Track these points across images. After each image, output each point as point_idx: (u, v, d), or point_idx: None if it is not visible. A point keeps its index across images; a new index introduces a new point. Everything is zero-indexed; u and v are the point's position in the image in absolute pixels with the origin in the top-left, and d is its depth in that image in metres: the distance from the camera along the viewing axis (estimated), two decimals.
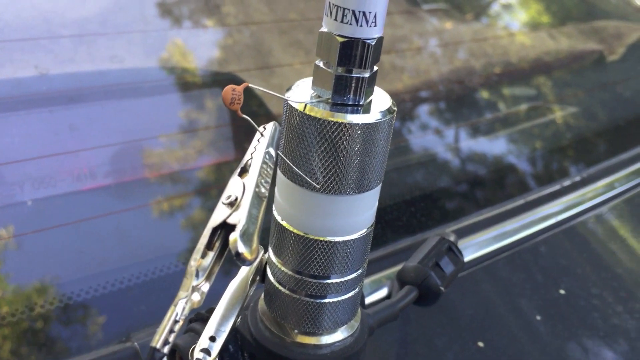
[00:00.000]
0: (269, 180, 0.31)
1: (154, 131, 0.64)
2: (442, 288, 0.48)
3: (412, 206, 0.71)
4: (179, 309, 0.27)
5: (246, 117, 0.31)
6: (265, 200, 0.30)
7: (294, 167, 0.33)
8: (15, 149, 0.57)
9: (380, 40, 0.32)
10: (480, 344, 0.56)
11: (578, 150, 0.95)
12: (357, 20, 0.31)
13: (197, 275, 0.29)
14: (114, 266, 0.53)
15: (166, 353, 0.26)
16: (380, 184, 0.36)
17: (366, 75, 0.33)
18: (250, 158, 0.31)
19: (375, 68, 0.33)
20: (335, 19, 0.31)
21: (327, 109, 0.33)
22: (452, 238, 0.52)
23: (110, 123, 0.62)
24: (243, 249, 0.27)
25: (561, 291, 0.64)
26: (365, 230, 0.37)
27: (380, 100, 0.35)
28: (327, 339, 0.39)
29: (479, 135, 0.91)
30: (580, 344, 0.59)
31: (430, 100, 0.94)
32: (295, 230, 0.35)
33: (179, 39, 0.76)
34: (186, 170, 0.63)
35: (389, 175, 0.71)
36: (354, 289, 0.38)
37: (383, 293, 0.57)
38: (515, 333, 0.59)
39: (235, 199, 0.29)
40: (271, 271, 0.38)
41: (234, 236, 0.27)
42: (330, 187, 0.34)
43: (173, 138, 0.65)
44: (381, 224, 0.66)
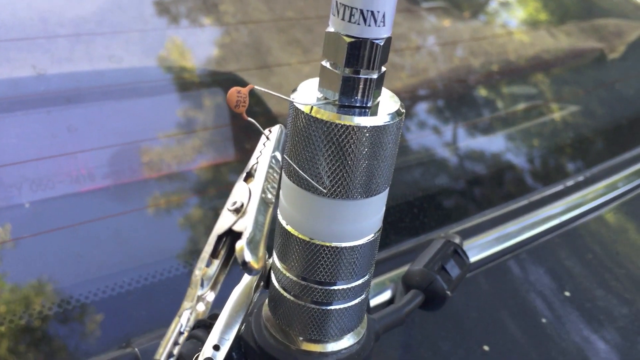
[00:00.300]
0: (276, 185, 0.30)
1: (153, 132, 0.63)
2: (449, 292, 0.47)
3: (415, 207, 0.70)
4: (184, 320, 0.26)
5: (252, 120, 0.30)
6: (272, 206, 0.29)
7: (299, 171, 0.33)
8: (13, 151, 0.56)
9: (388, 41, 0.31)
10: (486, 347, 0.55)
11: (580, 150, 0.95)
12: (365, 20, 0.30)
13: (202, 285, 0.28)
14: (113, 270, 0.52)
15: None
16: (388, 189, 0.35)
17: (374, 76, 0.32)
18: (256, 162, 0.30)
19: (384, 69, 0.33)
20: (343, 19, 0.30)
21: (334, 111, 0.32)
22: (458, 240, 0.51)
23: (109, 124, 0.61)
24: (250, 257, 0.26)
25: (566, 293, 0.64)
26: (372, 235, 0.36)
27: (389, 102, 0.34)
28: (333, 347, 0.38)
29: (479, 134, 0.90)
30: (586, 346, 0.58)
31: (429, 99, 0.93)
32: (300, 236, 0.35)
33: (177, 38, 0.75)
34: (186, 171, 0.62)
35: None
36: (360, 295, 0.37)
37: (386, 296, 0.56)
38: (521, 336, 0.58)
39: (241, 205, 0.28)
40: (276, 277, 0.37)
41: (241, 244, 0.26)
42: (337, 192, 0.33)
43: (172, 138, 0.64)
44: (384, 226, 0.65)
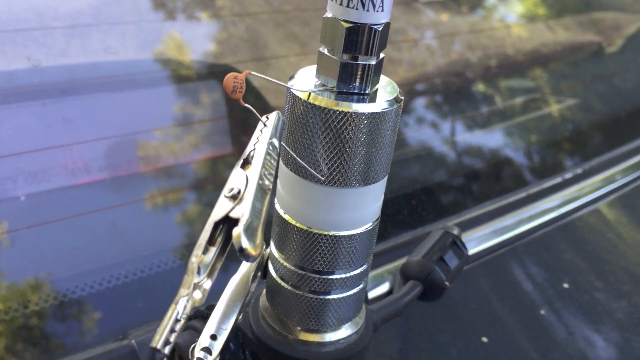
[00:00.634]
0: (273, 172, 0.29)
1: (150, 124, 0.62)
2: (447, 283, 0.47)
3: (413, 199, 0.70)
4: (180, 308, 0.26)
5: (248, 106, 0.29)
6: (269, 193, 0.29)
7: (297, 159, 0.32)
8: (8, 143, 0.55)
9: (387, 26, 0.31)
10: (484, 339, 0.55)
11: (578, 143, 0.94)
12: (364, 5, 0.30)
13: (199, 272, 0.27)
14: (109, 262, 0.51)
15: (167, 354, 0.25)
16: (386, 177, 0.35)
17: (372, 62, 0.31)
18: (253, 149, 0.30)
19: (382, 55, 0.32)
20: (341, 4, 0.30)
21: (332, 97, 0.31)
22: (456, 232, 0.51)
23: (105, 116, 0.60)
24: (247, 244, 0.26)
25: (565, 285, 0.64)
26: (370, 224, 0.35)
27: (387, 88, 0.33)
28: (331, 336, 0.37)
29: (476, 128, 0.90)
30: (585, 338, 0.58)
31: (427, 93, 0.93)
32: (298, 224, 0.34)
33: (174, 31, 0.75)
34: (183, 164, 0.62)
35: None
36: (358, 285, 0.37)
37: (385, 288, 0.56)
38: (519, 328, 0.58)
39: (238, 191, 0.28)
40: (273, 267, 0.37)
41: (238, 231, 0.26)
42: (335, 180, 0.32)
43: (169, 131, 0.63)
44: (382, 218, 0.65)
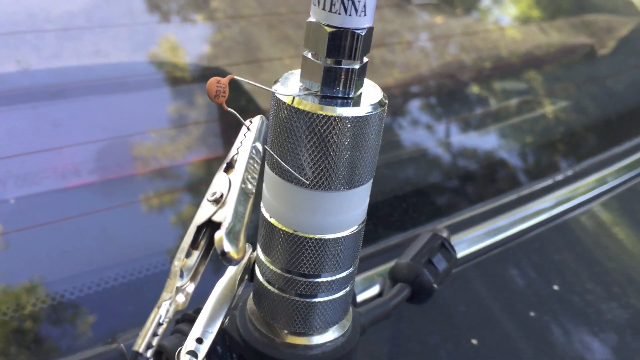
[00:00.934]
0: (256, 176, 0.29)
1: (140, 127, 0.62)
2: (435, 285, 0.47)
3: (404, 202, 0.70)
4: (163, 311, 0.26)
5: (232, 111, 0.30)
6: (253, 196, 0.29)
7: (282, 163, 0.32)
8: None
9: (370, 31, 0.31)
10: (474, 341, 0.55)
11: (570, 144, 0.95)
12: (346, 10, 0.30)
13: (182, 276, 0.27)
14: (99, 265, 0.51)
15: (149, 357, 0.25)
16: (372, 180, 0.35)
17: (356, 66, 0.32)
18: (237, 153, 0.30)
19: (366, 59, 0.32)
20: (324, 8, 0.30)
21: (316, 101, 0.31)
22: (445, 234, 0.51)
23: (95, 119, 0.60)
24: (229, 247, 0.26)
25: (555, 287, 0.64)
26: (356, 227, 0.36)
27: (371, 92, 0.34)
28: (318, 339, 0.38)
29: (469, 130, 0.90)
30: (574, 339, 0.58)
31: (420, 95, 0.93)
32: (284, 228, 0.34)
33: (166, 33, 0.75)
34: (173, 166, 0.62)
35: (379, 170, 0.70)
36: (345, 288, 0.37)
37: (375, 291, 0.56)
38: (509, 330, 0.58)
39: (221, 195, 0.28)
40: (260, 270, 0.37)
41: (219, 234, 0.26)
42: (320, 183, 0.32)
43: (159, 134, 0.63)
44: (372, 221, 0.65)
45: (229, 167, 0.29)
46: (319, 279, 0.35)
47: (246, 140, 0.30)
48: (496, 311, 0.60)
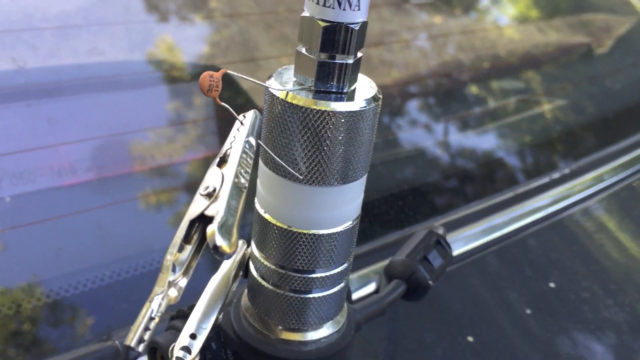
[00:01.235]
0: (249, 170, 0.29)
1: (136, 125, 0.62)
2: (431, 282, 0.47)
3: (401, 200, 0.70)
4: (155, 306, 0.26)
5: (225, 105, 0.30)
6: (245, 191, 0.29)
7: (275, 158, 0.32)
8: None
9: (364, 25, 0.31)
10: (470, 338, 0.55)
11: (566, 143, 0.95)
12: (340, 4, 0.30)
13: (174, 270, 0.27)
14: (94, 263, 0.51)
15: (141, 351, 0.25)
16: (366, 175, 0.35)
17: (350, 61, 0.32)
18: (230, 147, 0.30)
19: (360, 54, 0.32)
20: (317, 3, 0.30)
21: (310, 96, 0.31)
22: (441, 231, 0.51)
23: (91, 117, 0.60)
24: (221, 241, 0.26)
25: (551, 284, 0.64)
26: (350, 222, 0.35)
27: (365, 87, 0.33)
28: (313, 335, 0.37)
29: (467, 128, 0.90)
30: (570, 337, 0.58)
31: (418, 94, 0.93)
32: (278, 223, 0.34)
33: (163, 32, 0.74)
34: (168, 165, 0.62)
35: (377, 168, 0.70)
36: (339, 284, 0.37)
37: (371, 288, 0.56)
38: (505, 327, 0.58)
39: (214, 190, 0.28)
40: (254, 266, 0.37)
41: (212, 228, 0.26)
42: (314, 178, 0.32)
43: (155, 132, 0.63)
44: (369, 218, 0.65)
45: (222, 162, 0.29)
46: (314, 275, 0.35)
47: (239, 135, 0.30)
48: (492, 308, 0.60)
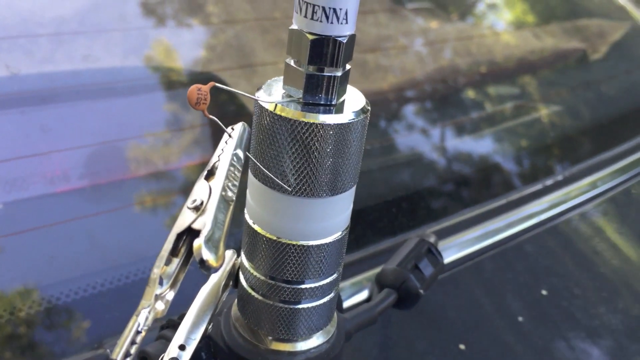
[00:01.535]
0: (237, 183, 0.29)
1: (129, 132, 0.62)
2: (422, 291, 0.47)
3: (394, 207, 0.70)
4: (142, 319, 0.26)
5: (213, 118, 0.30)
6: (233, 204, 0.29)
7: (264, 170, 0.32)
8: None
9: (352, 38, 0.31)
10: (462, 346, 0.55)
11: (561, 148, 0.95)
12: (328, 17, 0.30)
13: (161, 283, 0.27)
14: (86, 271, 0.51)
15: None
16: (355, 186, 0.35)
17: (338, 74, 0.32)
18: (218, 160, 0.30)
19: (348, 67, 0.32)
20: (305, 16, 0.30)
21: (299, 109, 0.32)
22: (432, 239, 0.51)
23: (84, 124, 0.60)
24: (208, 255, 0.26)
25: (543, 292, 0.64)
26: (339, 233, 0.36)
27: (354, 99, 0.34)
28: (302, 346, 0.38)
29: (462, 134, 0.90)
30: (563, 345, 0.58)
31: (414, 99, 0.93)
32: (267, 234, 0.34)
33: (159, 38, 0.75)
34: (162, 171, 0.62)
35: (371, 175, 0.70)
36: (329, 294, 0.37)
37: (363, 295, 0.56)
38: (497, 335, 0.58)
39: (201, 203, 0.28)
40: (244, 276, 0.37)
41: (198, 242, 0.26)
42: (303, 190, 0.33)
43: (148, 139, 0.63)
44: (361, 225, 0.65)
45: (210, 175, 0.29)
46: (303, 285, 0.36)
47: (227, 148, 0.30)
48: (485, 316, 0.60)
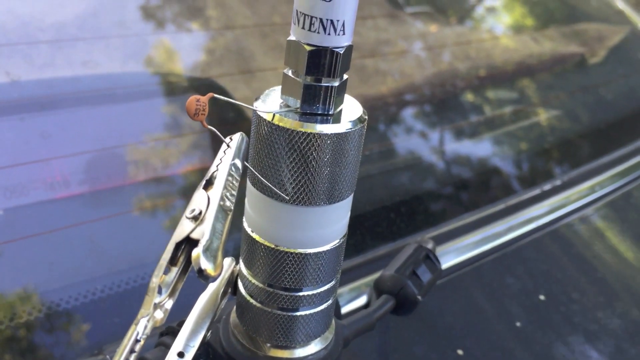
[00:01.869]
0: (235, 193, 0.30)
1: (129, 138, 0.62)
2: (419, 297, 0.47)
3: (392, 212, 0.71)
4: (141, 328, 0.26)
5: (212, 128, 0.30)
6: (231, 214, 0.29)
7: (262, 179, 0.33)
8: None
9: (349, 49, 0.32)
10: (460, 351, 0.56)
11: (560, 152, 0.95)
12: (325, 29, 0.30)
13: (160, 292, 0.28)
14: (86, 277, 0.51)
15: None
16: (352, 194, 0.35)
17: (335, 84, 0.32)
18: (216, 170, 0.30)
19: (345, 77, 0.33)
20: (303, 27, 0.31)
21: (297, 118, 0.32)
22: (430, 245, 0.51)
23: (84, 130, 0.61)
24: (206, 265, 0.26)
25: (541, 297, 0.64)
26: (337, 241, 0.36)
27: (351, 109, 0.34)
28: (300, 352, 0.38)
29: (461, 138, 0.90)
30: (563, 349, 0.59)
31: (413, 104, 0.93)
32: (265, 242, 0.35)
33: (159, 44, 0.75)
34: (161, 177, 0.62)
35: (370, 179, 0.70)
36: (327, 301, 0.37)
37: (362, 301, 0.57)
38: (495, 340, 0.58)
39: (200, 212, 0.28)
40: (242, 283, 0.37)
41: (197, 252, 0.26)
42: (301, 199, 0.33)
43: (148, 145, 0.64)
44: (360, 231, 0.66)
45: (208, 184, 0.30)
46: (301, 293, 0.36)
47: (226, 157, 0.30)
48: (482, 322, 0.60)
